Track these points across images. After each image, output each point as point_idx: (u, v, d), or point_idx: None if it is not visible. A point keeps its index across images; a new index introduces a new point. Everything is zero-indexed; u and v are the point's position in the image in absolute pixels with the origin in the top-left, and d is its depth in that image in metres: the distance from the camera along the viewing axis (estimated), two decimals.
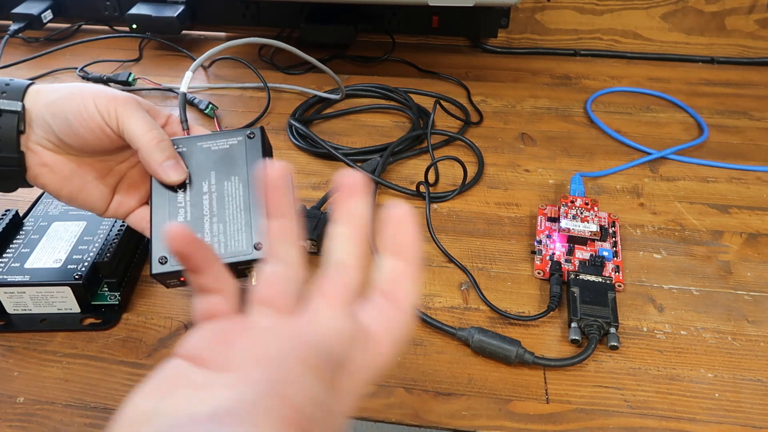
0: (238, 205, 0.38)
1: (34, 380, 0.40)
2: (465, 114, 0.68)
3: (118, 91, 0.39)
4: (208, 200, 0.38)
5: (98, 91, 0.38)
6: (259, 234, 0.36)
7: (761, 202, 0.56)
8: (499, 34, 0.84)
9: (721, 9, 0.80)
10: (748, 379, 0.40)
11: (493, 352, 0.40)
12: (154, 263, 0.36)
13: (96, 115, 0.37)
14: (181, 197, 0.38)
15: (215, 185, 0.38)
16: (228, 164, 0.39)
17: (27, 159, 0.39)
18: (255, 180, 0.38)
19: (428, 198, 0.53)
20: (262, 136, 0.40)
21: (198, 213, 0.38)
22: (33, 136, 0.38)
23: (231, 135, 0.40)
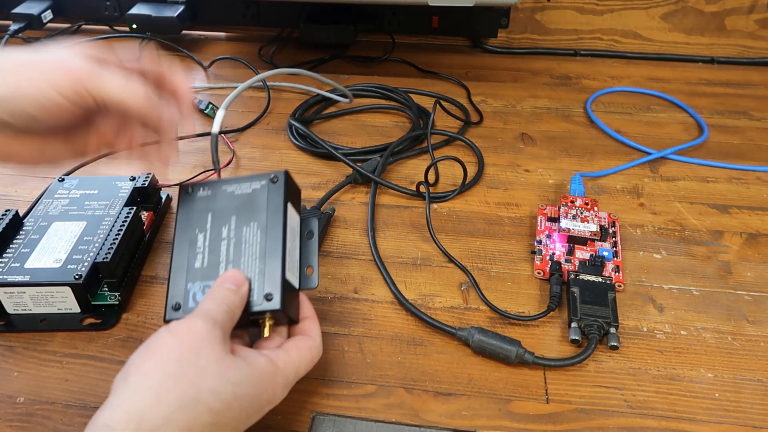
0: (254, 252, 0.37)
1: (34, 380, 0.40)
2: (465, 114, 0.68)
3: (74, 60, 0.35)
4: (226, 246, 0.37)
5: (55, 76, 0.34)
6: (270, 284, 0.36)
7: (761, 202, 0.56)
8: (499, 34, 0.84)
9: (721, 9, 0.80)
10: (748, 379, 0.40)
11: (493, 352, 0.40)
12: (169, 309, 0.36)
13: (63, 102, 0.34)
14: (200, 242, 0.38)
15: (234, 231, 0.38)
16: (249, 209, 0.38)
17: None
18: (273, 227, 0.37)
19: (428, 198, 0.53)
20: (285, 180, 0.39)
21: (215, 260, 0.37)
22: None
23: (255, 179, 0.39)
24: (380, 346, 0.42)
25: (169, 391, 0.29)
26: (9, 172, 0.59)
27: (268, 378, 0.33)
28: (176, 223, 0.39)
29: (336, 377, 0.40)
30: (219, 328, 0.32)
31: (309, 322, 0.38)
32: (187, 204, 0.40)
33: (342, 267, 0.48)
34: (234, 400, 0.30)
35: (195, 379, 0.29)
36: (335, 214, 0.54)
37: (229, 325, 0.33)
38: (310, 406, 0.38)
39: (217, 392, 0.30)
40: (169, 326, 0.32)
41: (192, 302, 0.36)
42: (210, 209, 0.39)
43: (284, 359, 0.34)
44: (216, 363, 0.30)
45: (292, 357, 0.35)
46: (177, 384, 0.29)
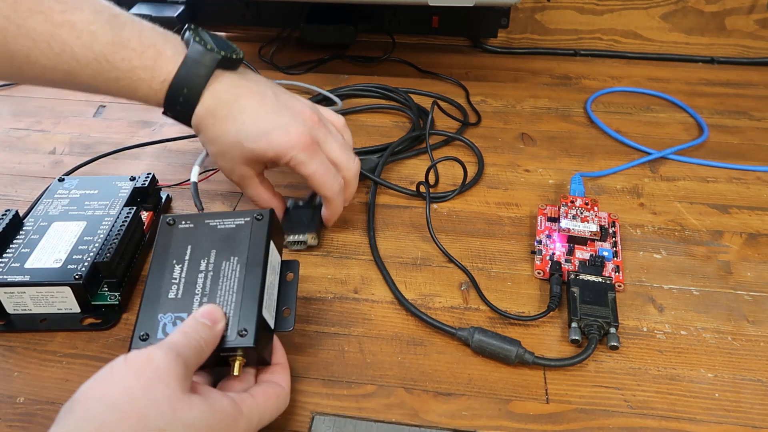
0: (232, 287, 0.36)
1: (34, 380, 0.40)
2: (463, 114, 0.68)
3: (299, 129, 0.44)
4: (203, 279, 0.36)
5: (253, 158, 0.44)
6: (245, 320, 0.34)
7: (761, 202, 0.56)
8: (499, 34, 0.84)
9: (721, 9, 0.80)
10: (748, 379, 0.40)
11: (493, 352, 0.40)
12: (135, 339, 0.34)
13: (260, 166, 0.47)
14: (177, 272, 0.37)
15: (213, 264, 0.37)
16: (230, 244, 0.38)
17: None
18: (254, 263, 0.37)
19: (428, 198, 0.53)
20: (270, 218, 0.39)
21: (190, 291, 0.36)
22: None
23: (239, 215, 0.39)
24: (380, 346, 0.42)
25: (113, 426, 0.27)
26: (9, 172, 0.59)
27: (229, 422, 0.31)
28: (153, 252, 0.38)
29: (336, 377, 0.40)
30: (181, 362, 0.30)
31: (279, 369, 0.37)
32: (167, 235, 0.39)
33: (342, 267, 0.48)
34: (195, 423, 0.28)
35: (144, 416, 0.27)
36: None
37: (196, 361, 0.31)
38: (310, 406, 0.38)
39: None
40: (127, 355, 0.30)
41: (161, 333, 0.34)
42: (190, 242, 0.38)
43: (249, 403, 0.32)
44: (169, 401, 0.28)
45: (258, 402, 0.33)
46: (123, 419, 0.27)
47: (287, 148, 0.43)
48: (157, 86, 0.42)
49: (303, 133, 0.43)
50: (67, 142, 0.64)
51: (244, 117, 0.43)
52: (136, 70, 0.41)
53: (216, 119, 0.43)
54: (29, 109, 0.70)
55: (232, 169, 0.46)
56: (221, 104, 0.43)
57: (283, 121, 0.43)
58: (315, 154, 0.44)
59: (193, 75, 0.42)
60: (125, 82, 0.42)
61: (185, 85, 0.42)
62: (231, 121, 0.43)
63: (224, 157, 0.45)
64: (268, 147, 0.43)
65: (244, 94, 0.43)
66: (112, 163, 0.61)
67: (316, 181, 0.45)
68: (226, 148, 0.44)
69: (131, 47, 0.41)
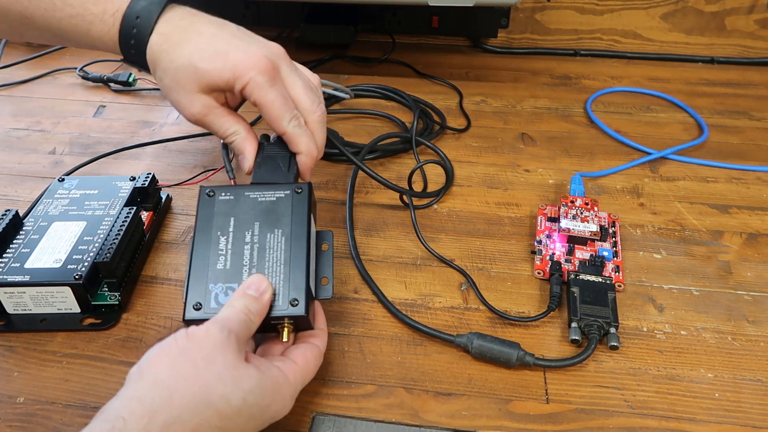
0: (278, 258, 0.37)
1: (34, 380, 0.40)
2: (441, 118, 0.68)
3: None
4: (249, 251, 0.37)
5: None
6: (295, 290, 0.36)
7: (761, 202, 0.56)
8: (499, 34, 0.84)
9: (721, 9, 0.80)
10: (748, 379, 0.40)
11: (493, 356, 0.40)
12: (189, 308, 0.36)
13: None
14: (222, 244, 0.38)
15: (258, 236, 0.38)
16: (273, 217, 0.39)
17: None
18: (298, 235, 0.38)
19: (411, 206, 0.52)
20: (309, 192, 0.40)
21: (238, 263, 0.37)
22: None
23: (279, 188, 0.40)
24: (380, 346, 0.42)
25: (182, 392, 0.29)
26: (9, 172, 0.59)
27: (279, 389, 0.33)
28: (196, 224, 0.39)
29: (336, 377, 0.40)
30: (234, 336, 0.32)
31: (319, 333, 0.39)
32: (208, 207, 0.39)
33: (342, 267, 0.48)
34: (244, 407, 0.30)
35: (208, 384, 0.30)
36: (335, 215, 0.54)
37: (246, 333, 0.33)
38: (310, 406, 0.38)
39: (227, 398, 0.30)
40: (188, 330, 0.32)
41: (214, 303, 0.36)
42: (232, 213, 0.39)
43: (293, 371, 0.35)
44: (229, 369, 0.30)
45: (300, 367, 0.35)
46: (190, 386, 0.29)
47: (244, 68, 0.39)
48: (109, 20, 0.40)
49: (264, 56, 0.40)
50: (67, 142, 0.64)
51: (199, 39, 0.40)
52: (87, 4, 0.40)
53: (170, 44, 0.40)
54: (29, 109, 0.70)
55: (190, 102, 0.41)
56: (176, 30, 0.41)
57: (243, 43, 0.41)
58: (275, 81, 0.40)
59: (146, 3, 0.40)
60: (77, 20, 0.41)
61: (138, 13, 0.40)
62: (185, 44, 0.40)
63: (179, 87, 0.41)
64: (224, 66, 0.39)
65: (201, 21, 0.41)
66: (112, 163, 0.61)
67: (273, 112, 0.40)
68: (180, 75, 0.40)
69: None
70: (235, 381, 0.30)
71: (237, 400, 0.30)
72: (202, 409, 0.29)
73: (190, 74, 0.40)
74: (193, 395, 0.29)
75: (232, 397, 0.30)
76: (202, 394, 0.29)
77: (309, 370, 0.36)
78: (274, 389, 0.33)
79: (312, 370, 0.36)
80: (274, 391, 0.33)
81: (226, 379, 0.30)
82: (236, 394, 0.30)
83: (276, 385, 0.33)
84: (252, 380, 0.31)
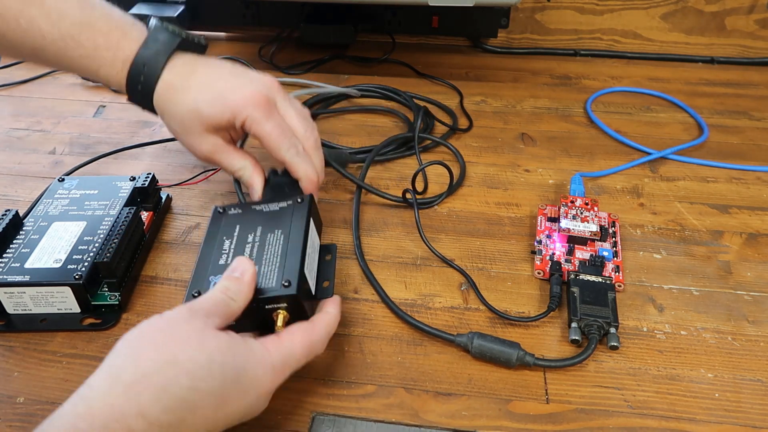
0: (276, 251, 0.39)
1: (34, 380, 0.40)
2: (453, 119, 0.68)
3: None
4: (250, 248, 0.40)
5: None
6: (289, 273, 0.37)
7: (761, 202, 0.56)
8: (499, 34, 0.84)
9: (721, 9, 0.80)
10: (748, 379, 0.40)
11: (493, 356, 0.40)
12: (188, 295, 0.37)
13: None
14: (226, 245, 0.41)
15: (259, 237, 0.41)
16: (275, 221, 0.42)
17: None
18: (296, 233, 0.40)
19: (416, 205, 0.52)
20: (310, 202, 0.43)
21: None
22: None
23: (282, 200, 0.43)
24: (380, 346, 0.42)
25: (147, 353, 0.30)
26: (9, 172, 0.59)
27: (254, 353, 0.33)
28: (206, 235, 0.42)
29: (336, 377, 0.40)
30: (203, 312, 0.33)
31: (317, 325, 0.37)
32: (218, 221, 0.43)
33: (342, 267, 0.48)
34: (214, 367, 0.30)
35: (174, 347, 0.30)
36: (335, 215, 0.54)
37: (224, 310, 0.34)
38: (310, 406, 0.38)
39: (193, 357, 0.30)
40: (161, 313, 0.33)
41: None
42: (238, 223, 0.42)
43: (274, 343, 0.34)
44: (196, 332, 0.31)
45: (283, 342, 0.35)
46: (155, 347, 0.30)
47: (241, 106, 0.43)
48: (119, 65, 0.43)
49: (258, 92, 0.43)
50: (67, 142, 0.64)
51: (199, 85, 0.44)
52: (100, 50, 0.43)
53: (174, 92, 0.44)
54: (29, 109, 0.70)
55: (198, 143, 0.45)
56: (179, 77, 0.44)
57: (239, 82, 0.44)
58: (271, 114, 0.43)
59: (153, 53, 0.43)
60: (87, 61, 0.43)
61: (145, 62, 0.43)
62: (188, 90, 0.44)
63: (186, 130, 0.45)
64: (223, 107, 0.43)
65: (200, 65, 0.45)
66: (112, 163, 0.61)
67: (272, 143, 0.43)
68: (186, 119, 0.44)
69: (97, 27, 0.43)
70: (200, 342, 0.31)
71: (203, 358, 0.30)
72: (168, 368, 0.29)
73: (195, 118, 0.44)
74: (159, 355, 0.30)
75: (198, 356, 0.30)
76: (167, 353, 0.30)
77: (294, 349, 0.35)
78: (247, 352, 0.32)
79: (298, 351, 0.35)
80: (247, 353, 0.32)
81: (192, 340, 0.31)
82: (202, 353, 0.30)
83: (249, 349, 0.33)
84: (220, 341, 0.32)
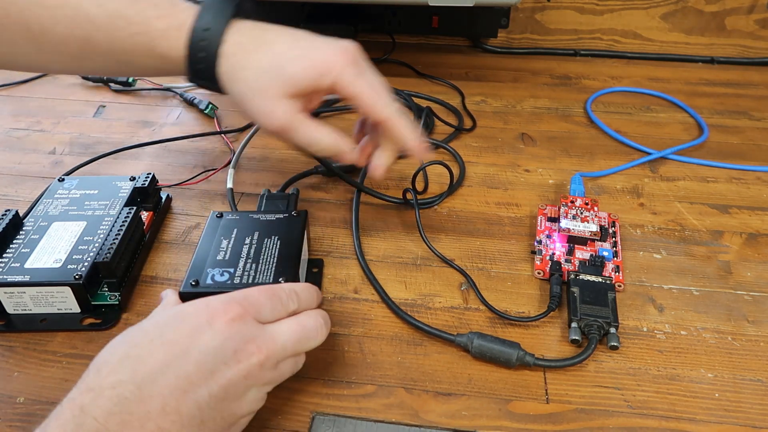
0: (273, 254, 0.42)
1: (34, 380, 0.40)
2: (459, 119, 0.68)
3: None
4: (248, 248, 0.43)
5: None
6: (284, 273, 0.40)
7: (761, 202, 0.56)
8: (499, 34, 0.84)
9: (721, 9, 0.80)
10: (748, 379, 0.40)
11: (493, 356, 0.40)
12: (185, 284, 0.40)
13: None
14: (224, 245, 0.43)
15: (256, 240, 0.43)
16: (271, 229, 0.45)
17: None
18: (292, 240, 0.43)
19: (416, 205, 0.52)
20: (305, 217, 0.46)
21: (236, 255, 0.42)
22: None
23: (278, 212, 0.46)
24: (380, 346, 0.42)
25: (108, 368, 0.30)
26: (9, 172, 0.59)
27: (192, 302, 0.33)
28: (202, 236, 0.44)
29: (336, 377, 0.40)
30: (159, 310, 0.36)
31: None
32: (215, 224, 0.45)
33: (342, 267, 0.48)
34: (151, 328, 0.32)
35: (121, 342, 0.32)
36: (335, 215, 0.54)
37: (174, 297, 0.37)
38: (310, 406, 0.38)
39: (140, 325, 0.32)
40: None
41: (209, 280, 0.40)
42: (236, 227, 0.45)
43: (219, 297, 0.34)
44: (141, 324, 0.33)
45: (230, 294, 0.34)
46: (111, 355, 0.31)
47: (332, 64, 0.39)
48: (174, 34, 0.39)
49: (347, 50, 0.39)
50: (67, 142, 0.64)
51: (277, 45, 0.39)
52: (152, 20, 0.39)
53: (246, 53, 0.39)
54: (29, 109, 0.70)
55: (273, 109, 0.39)
56: (251, 38, 0.40)
57: (322, 42, 0.40)
58: (362, 71, 0.40)
59: (212, 15, 0.39)
60: (140, 38, 0.39)
61: (206, 25, 0.39)
62: (264, 49, 0.39)
63: (261, 93, 0.39)
64: (311, 64, 0.39)
65: (273, 29, 0.40)
66: (112, 163, 0.61)
67: (369, 99, 0.39)
68: (263, 80, 0.39)
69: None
70: (142, 325, 0.32)
71: (147, 324, 0.32)
72: (120, 364, 0.30)
73: (276, 77, 0.39)
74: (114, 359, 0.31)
75: (143, 324, 0.32)
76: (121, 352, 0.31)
77: (249, 290, 0.34)
78: (186, 307, 0.33)
79: (254, 291, 0.34)
80: (186, 308, 0.33)
81: (135, 328, 0.32)
82: (146, 322, 0.32)
83: (190, 304, 0.33)
84: (157, 315, 0.33)
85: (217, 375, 0.30)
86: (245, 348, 0.31)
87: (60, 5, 0.39)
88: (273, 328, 0.33)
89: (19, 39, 0.40)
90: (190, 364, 0.30)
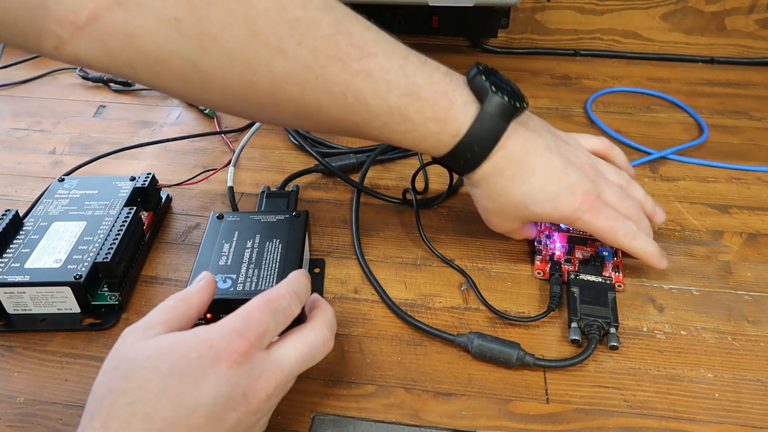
0: (275, 258, 0.42)
1: (34, 380, 0.40)
2: None
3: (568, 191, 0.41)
4: (249, 252, 0.43)
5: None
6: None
7: (761, 202, 0.56)
8: (499, 34, 0.84)
9: (721, 9, 0.80)
10: (748, 379, 0.40)
11: (493, 356, 0.40)
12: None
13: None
14: (226, 248, 0.43)
15: (258, 243, 0.44)
16: (273, 231, 0.45)
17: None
18: (294, 244, 0.44)
19: (416, 205, 0.52)
20: (306, 217, 0.46)
21: (238, 260, 0.42)
22: None
23: (280, 213, 0.47)
24: (380, 346, 0.42)
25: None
26: (9, 172, 0.59)
27: (192, 338, 0.31)
28: (203, 239, 0.44)
29: (336, 377, 0.40)
30: (140, 328, 0.32)
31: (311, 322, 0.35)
32: (216, 226, 0.46)
33: (342, 267, 0.48)
34: (141, 372, 0.30)
35: (116, 361, 0.31)
36: (335, 215, 0.54)
37: (170, 314, 0.33)
38: (310, 406, 0.38)
39: (129, 358, 0.31)
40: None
41: None
42: (237, 229, 0.45)
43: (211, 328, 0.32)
44: (120, 351, 0.32)
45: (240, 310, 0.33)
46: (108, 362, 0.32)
47: (573, 211, 0.42)
48: (446, 139, 0.40)
49: (588, 193, 0.42)
50: (67, 142, 0.64)
51: (532, 179, 0.41)
52: (428, 123, 0.39)
53: (503, 178, 0.41)
54: (29, 109, 0.70)
55: (501, 224, 0.45)
56: (511, 163, 0.41)
57: (570, 181, 0.41)
58: (600, 210, 0.42)
59: (487, 131, 0.39)
60: (413, 135, 0.40)
61: (477, 142, 0.39)
62: (519, 182, 0.41)
63: (501, 214, 0.44)
64: (553, 211, 0.42)
65: (532, 152, 0.41)
66: (112, 163, 0.61)
67: (607, 237, 0.43)
68: (507, 208, 0.43)
69: (424, 97, 0.38)
70: (134, 346, 0.31)
71: (137, 359, 0.30)
72: (108, 398, 0.30)
73: (519, 211, 0.43)
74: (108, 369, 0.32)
75: (143, 365, 0.30)
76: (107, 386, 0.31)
77: (248, 306, 0.33)
78: (186, 339, 0.31)
79: (254, 308, 0.33)
80: (185, 341, 0.31)
81: (117, 357, 0.32)
82: (145, 362, 0.30)
83: (189, 335, 0.31)
84: (160, 340, 0.31)
85: (227, 420, 0.30)
86: (254, 388, 0.31)
87: (343, 91, 0.37)
88: (279, 353, 0.32)
89: (289, 115, 0.39)
90: (201, 418, 0.29)
